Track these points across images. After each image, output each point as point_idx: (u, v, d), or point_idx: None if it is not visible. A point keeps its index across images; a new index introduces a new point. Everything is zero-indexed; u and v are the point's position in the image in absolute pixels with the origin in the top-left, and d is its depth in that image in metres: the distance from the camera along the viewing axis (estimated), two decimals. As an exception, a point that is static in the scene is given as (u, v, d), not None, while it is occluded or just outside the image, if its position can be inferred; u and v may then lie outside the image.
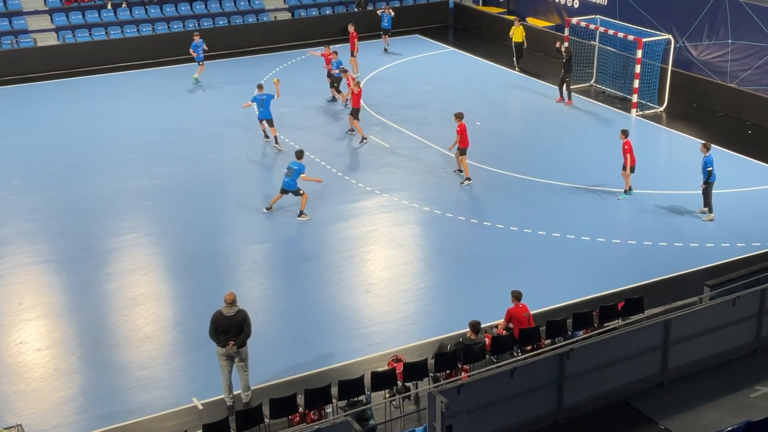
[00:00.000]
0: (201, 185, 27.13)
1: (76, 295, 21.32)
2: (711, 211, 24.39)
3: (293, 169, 24.68)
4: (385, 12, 41.03)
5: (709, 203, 24.43)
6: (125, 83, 36.48)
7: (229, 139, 30.62)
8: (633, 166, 25.40)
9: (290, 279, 22.15)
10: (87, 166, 28.25)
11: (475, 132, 30.66)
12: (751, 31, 32.67)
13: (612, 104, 33.87)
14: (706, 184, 24.18)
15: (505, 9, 45.17)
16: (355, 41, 36.46)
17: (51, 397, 17.70)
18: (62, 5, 39.94)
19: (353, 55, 36.29)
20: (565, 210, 25.25)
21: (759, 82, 32.62)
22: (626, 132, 25.78)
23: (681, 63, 34.67)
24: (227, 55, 39.88)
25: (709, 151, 24.17)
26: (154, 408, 17.33)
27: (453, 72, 37.79)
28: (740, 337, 16.23)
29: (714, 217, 24.31)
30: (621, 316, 18.62)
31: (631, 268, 22.29)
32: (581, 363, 14.57)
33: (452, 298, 21.13)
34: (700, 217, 24.43)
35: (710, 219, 24.31)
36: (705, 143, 24.50)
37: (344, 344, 19.35)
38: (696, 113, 32.98)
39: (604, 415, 14.94)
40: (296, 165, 24.77)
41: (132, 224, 24.75)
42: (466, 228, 24.35)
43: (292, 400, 15.87)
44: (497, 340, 17.50)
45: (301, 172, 24.68)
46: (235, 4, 42.82)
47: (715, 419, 14.52)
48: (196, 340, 19.26)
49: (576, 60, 35.47)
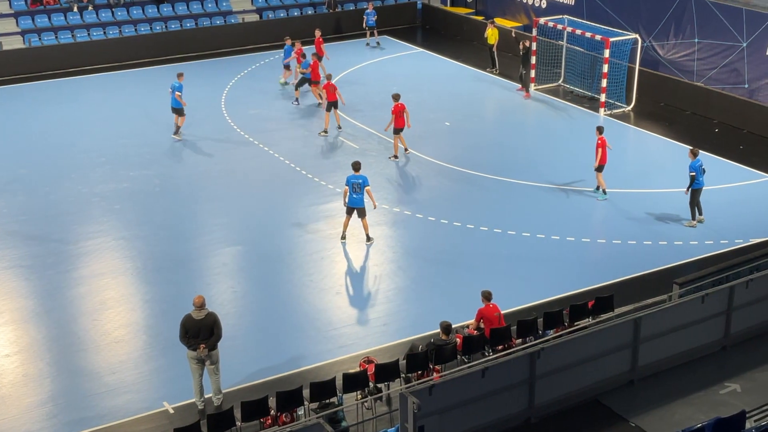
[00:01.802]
0: (170, 188, 26.99)
1: (44, 300, 21.14)
2: (693, 218, 24.24)
3: (358, 183, 22.99)
4: (369, 10, 41.49)
5: (693, 210, 24.26)
6: (92, 86, 36.20)
7: (197, 141, 30.47)
8: (602, 165, 25.50)
9: (260, 281, 22.08)
10: (54, 170, 28.01)
11: (444, 132, 30.80)
12: (717, 31, 32.94)
13: (580, 104, 34.03)
14: (689, 190, 24.04)
15: (473, 10, 45.27)
16: (321, 46, 36.22)
17: (20, 403, 17.54)
18: (28, 8, 39.58)
19: (320, 59, 36.06)
20: (535, 209, 25.34)
21: (725, 81, 32.89)
22: (601, 129, 25.80)
23: (648, 62, 34.89)
24: (195, 57, 39.67)
25: (696, 156, 24.09)
26: (125, 413, 17.22)
27: (422, 73, 37.82)
28: (709, 335, 16.36)
29: (695, 224, 24.21)
30: (591, 314, 18.69)
31: (600, 266, 22.41)
32: (552, 362, 14.64)
33: (423, 299, 21.15)
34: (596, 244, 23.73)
35: (691, 225, 24.19)
36: (692, 149, 24.37)
37: (315, 346, 19.32)
38: (663, 112, 33.20)
39: (576, 413, 15.01)
40: (360, 178, 23.08)
41: (101, 228, 24.58)
42: (437, 228, 24.38)
43: (263, 403, 15.82)
44: (468, 341, 17.52)
45: (366, 184, 23.12)
46: (203, 6, 42.62)
47: (686, 416, 14.62)
48: (166, 343, 19.16)
49: (544, 60, 35.67)
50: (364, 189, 23.01)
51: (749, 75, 32.12)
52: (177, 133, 30.48)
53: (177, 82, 30.08)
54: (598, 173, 25.64)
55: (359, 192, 23.00)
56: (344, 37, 41.92)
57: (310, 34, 37.43)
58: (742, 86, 32.35)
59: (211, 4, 42.75)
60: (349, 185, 23.00)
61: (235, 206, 25.68)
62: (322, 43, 36.32)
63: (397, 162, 28.42)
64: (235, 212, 25.37)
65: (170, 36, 40.42)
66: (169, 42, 39.99)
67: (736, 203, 25.77)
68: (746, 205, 25.63)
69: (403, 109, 28.24)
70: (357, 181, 22.98)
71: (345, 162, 28.51)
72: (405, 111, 28.31)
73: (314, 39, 36.34)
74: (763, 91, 31.68)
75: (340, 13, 43.61)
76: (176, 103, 30.05)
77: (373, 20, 41.47)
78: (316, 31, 36.80)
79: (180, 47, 39.63)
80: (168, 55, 39.26)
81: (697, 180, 23.92)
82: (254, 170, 28.09)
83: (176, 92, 29.87)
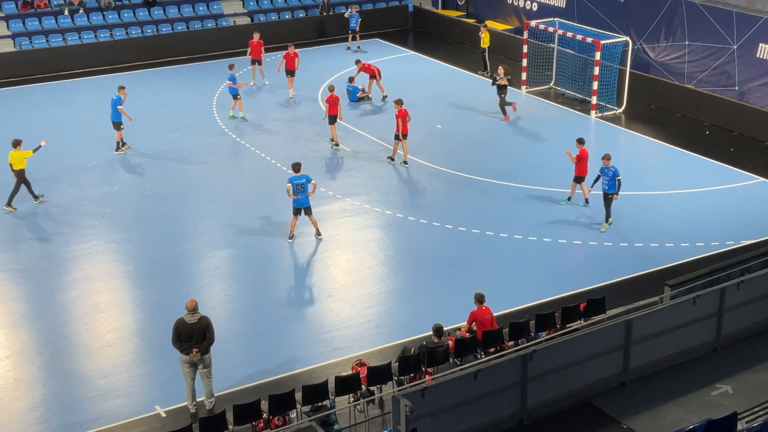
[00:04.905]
0: (161, 191, 26.96)
1: (36, 304, 21.09)
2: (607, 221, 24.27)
3: (301, 184, 23.23)
4: (352, 13, 41.29)
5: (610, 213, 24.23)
6: (83, 89, 36.15)
7: (188, 144, 30.44)
8: (581, 176, 25.22)
9: (252, 284, 22.07)
10: (45, 174, 27.91)
11: (435, 135, 30.82)
12: (707, 33, 33.04)
13: (572, 106, 34.10)
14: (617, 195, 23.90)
15: (464, 12, 45.34)
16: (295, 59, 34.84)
17: (11, 407, 17.50)
18: (18, 11, 39.52)
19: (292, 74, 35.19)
20: (526, 212, 25.37)
21: (716, 83, 32.98)
22: (582, 140, 25.42)
23: (639, 65, 34.98)
24: (186, 60, 39.65)
25: (611, 161, 23.91)
26: (117, 416, 17.19)
27: (413, 75, 37.85)
28: (701, 336, 16.40)
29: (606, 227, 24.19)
30: (583, 316, 18.72)
31: (592, 269, 22.46)
32: (544, 364, 14.66)
33: (415, 301, 21.16)
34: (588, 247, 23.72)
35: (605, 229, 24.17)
36: (606, 154, 24.03)
37: (308, 349, 19.31)
38: (654, 114, 33.28)
39: (568, 415, 15.03)
40: (302, 178, 23.36)
41: (92, 231, 24.54)
42: (429, 231, 24.39)
43: (255, 406, 15.81)
44: (460, 343, 17.54)
45: (309, 182, 23.32)
46: (194, 9, 42.60)
47: (677, 417, 14.65)
48: (158, 347, 19.14)
49: (535, 63, 35.75)
50: (309, 186, 23.23)
51: (740, 77, 32.22)
52: (120, 147, 29.60)
53: (116, 95, 29.20)
54: (579, 183, 25.40)
55: (303, 192, 23.23)
56: (334, 40, 41.89)
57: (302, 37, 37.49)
58: (733, 88, 32.45)
59: (203, 8, 42.74)
60: (292, 186, 23.16)
61: (226, 209, 25.66)
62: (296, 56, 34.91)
63: (393, 164, 28.42)
64: (227, 215, 25.34)
65: (161, 39, 40.38)
66: (160, 45, 39.96)
67: (726, 205, 25.82)
68: (737, 207, 25.68)
69: (406, 115, 28.03)
70: (300, 181, 23.22)
71: (337, 165, 28.62)
72: (407, 117, 28.08)
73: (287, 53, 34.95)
74: (754, 93, 31.78)
75: (333, 16, 43.58)
76: (116, 117, 29.16)
77: (355, 23, 41.19)
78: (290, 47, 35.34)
79: (171, 50, 39.56)
80: (159, 59, 39.24)
81: (612, 184, 23.77)
82: (245, 173, 28.08)
83: (117, 105, 28.98)
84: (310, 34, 42.51)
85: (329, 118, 29.99)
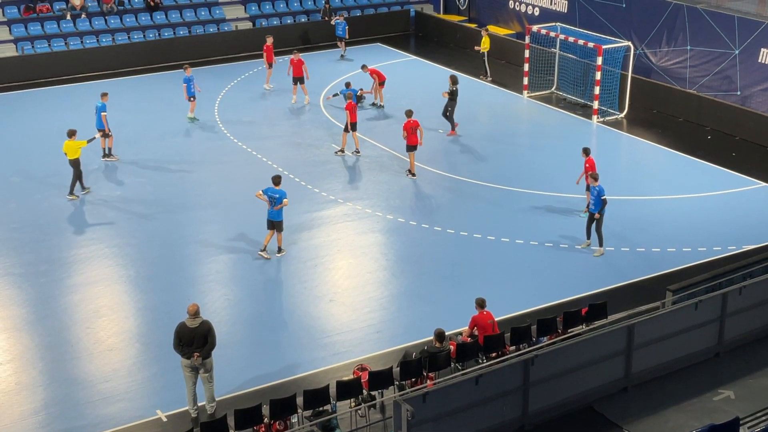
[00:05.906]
0: (163, 195, 26.96)
1: (37, 308, 21.09)
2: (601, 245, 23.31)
3: (275, 198, 22.80)
4: (339, 20, 41.20)
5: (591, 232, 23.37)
6: (85, 94, 36.10)
7: (189, 148, 30.47)
8: None
9: (254, 289, 22.06)
10: (47, 178, 27.96)
11: (437, 140, 30.81)
12: (709, 38, 33.04)
13: (573, 111, 34.09)
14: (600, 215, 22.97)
15: (466, 17, 45.34)
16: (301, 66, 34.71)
17: (13, 412, 17.49)
18: (21, 16, 39.56)
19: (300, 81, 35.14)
20: (528, 217, 25.37)
21: (717, 88, 32.98)
22: (587, 150, 25.14)
23: (641, 70, 34.98)
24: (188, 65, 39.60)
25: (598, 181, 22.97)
26: (118, 421, 17.18)
27: (415, 80, 37.85)
28: (703, 341, 16.36)
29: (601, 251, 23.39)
30: (585, 321, 18.71)
31: (594, 273, 22.43)
32: (546, 369, 14.63)
33: (416, 306, 21.15)
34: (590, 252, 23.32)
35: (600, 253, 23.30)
36: (593, 173, 23.19)
37: (309, 354, 19.30)
38: (656, 119, 33.28)
39: (570, 420, 15.00)
40: (277, 192, 22.88)
41: (93, 236, 24.55)
42: (430, 236, 24.38)
43: (257, 411, 15.79)
44: (462, 348, 17.52)
45: (282, 199, 22.84)
46: (196, 13, 42.63)
47: (679, 423, 14.62)
48: (159, 351, 19.13)
49: (537, 67, 35.74)
50: (281, 202, 22.78)
51: (741, 82, 32.21)
52: (108, 155, 29.52)
53: (100, 102, 29.04)
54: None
55: (272, 206, 22.84)
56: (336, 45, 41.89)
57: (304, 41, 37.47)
58: (735, 93, 32.44)
59: (204, 12, 42.78)
60: (267, 196, 22.86)
61: (228, 214, 25.66)
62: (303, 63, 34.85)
63: (393, 169, 28.45)
64: (229, 220, 25.34)
65: (163, 44, 40.39)
66: (162, 50, 39.96)
67: (728, 210, 25.80)
68: (739, 212, 25.66)
69: (417, 126, 27.61)
70: (275, 195, 22.80)
71: (339, 170, 28.61)
72: (419, 128, 27.66)
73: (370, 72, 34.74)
74: (756, 98, 31.78)
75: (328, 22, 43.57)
76: (100, 124, 29.00)
77: (342, 31, 40.91)
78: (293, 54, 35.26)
79: (173, 55, 39.55)
80: (161, 63, 39.27)
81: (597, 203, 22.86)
82: (247, 178, 28.04)
83: (101, 112, 28.80)
84: (312, 39, 42.52)
85: (351, 126, 29.54)
